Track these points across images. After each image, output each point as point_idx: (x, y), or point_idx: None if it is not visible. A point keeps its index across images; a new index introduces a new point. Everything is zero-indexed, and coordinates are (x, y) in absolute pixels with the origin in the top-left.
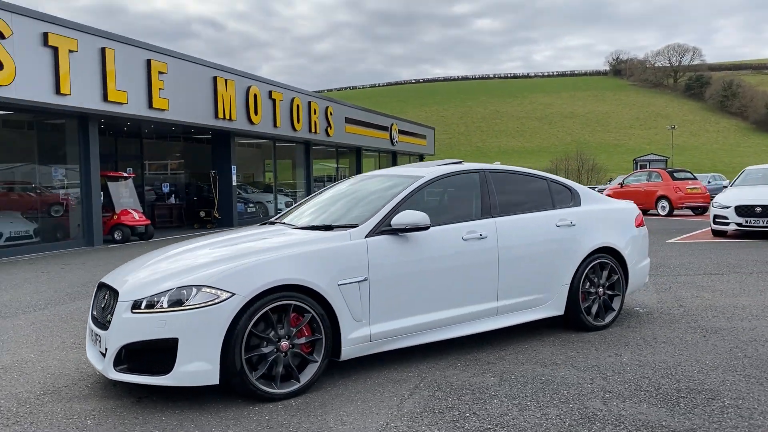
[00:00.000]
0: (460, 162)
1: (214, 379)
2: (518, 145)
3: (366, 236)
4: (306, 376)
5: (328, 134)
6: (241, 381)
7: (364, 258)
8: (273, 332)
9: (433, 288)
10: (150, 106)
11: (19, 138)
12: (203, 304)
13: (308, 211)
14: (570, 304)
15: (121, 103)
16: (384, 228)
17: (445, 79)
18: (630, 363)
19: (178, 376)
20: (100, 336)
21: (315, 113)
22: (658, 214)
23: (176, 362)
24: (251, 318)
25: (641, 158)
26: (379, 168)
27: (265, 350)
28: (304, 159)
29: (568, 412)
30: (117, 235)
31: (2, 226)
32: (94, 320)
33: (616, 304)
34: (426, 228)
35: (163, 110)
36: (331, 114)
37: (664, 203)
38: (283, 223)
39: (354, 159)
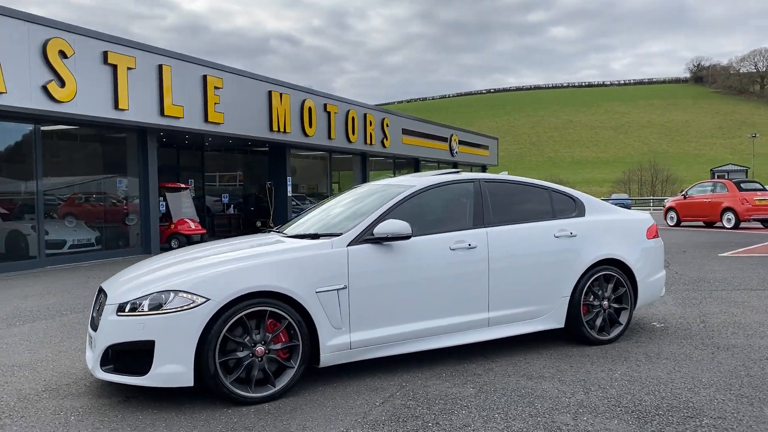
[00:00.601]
0: (458, 172)
1: (188, 381)
2: (592, 155)
3: (348, 245)
4: (282, 381)
5: (384, 145)
6: (216, 384)
7: (344, 266)
8: (248, 337)
9: (418, 297)
10: (205, 119)
11: (86, 151)
12: (179, 309)
13: (307, 220)
14: (570, 316)
15: (178, 117)
16: (367, 237)
17: (517, 89)
18: (620, 378)
19: (154, 378)
20: (92, 337)
21: (371, 125)
22: (724, 227)
23: (153, 364)
24: (226, 323)
25: (719, 168)
26: None
27: (241, 355)
28: (360, 170)
29: (533, 426)
30: (174, 244)
31: (67, 234)
32: (91, 322)
33: (623, 318)
34: (407, 237)
35: (218, 124)
36: (387, 126)
37: (730, 215)
38: (279, 232)
39: (413, 170)
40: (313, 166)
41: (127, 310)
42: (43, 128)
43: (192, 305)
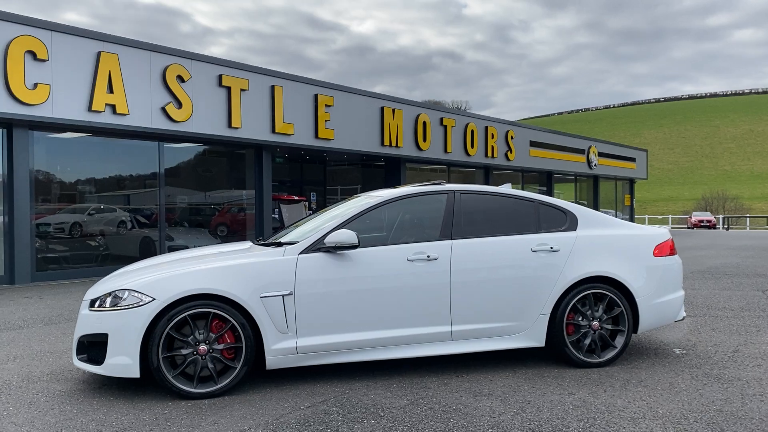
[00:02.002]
0: (440, 183)
1: (135, 372)
2: None
3: (300, 253)
4: (224, 380)
5: (508, 158)
6: (160, 377)
7: (291, 273)
8: (192, 336)
9: (371, 307)
10: (316, 136)
11: (210, 165)
12: (129, 306)
13: (294, 230)
14: (552, 336)
15: (288, 134)
16: (320, 246)
17: (690, 97)
18: (569, 403)
19: (107, 367)
20: None
21: (492, 138)
22: None
23: (107, 355)
24: (170, 321)
25: None
26: (577, 193)
27: (184, 352)
28: (483, 183)
29: None
30: None
31: (191, 240)
32: None
33: (619, 342)
34: (354, 246)
35: (328, 140)
36: (512, 138)
37: None
38: (256, 241)
39: (545, 183)
40: (431, 179)
41: (96, 305)
42: (167, 145)
43: (140, 303)
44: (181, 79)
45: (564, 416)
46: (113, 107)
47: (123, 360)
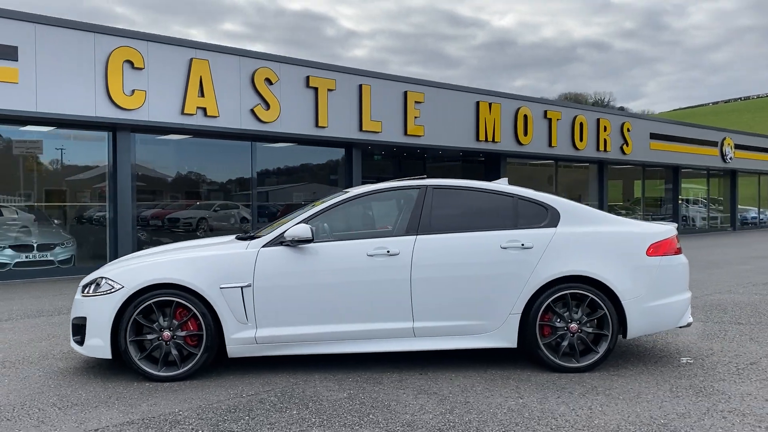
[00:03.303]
0: (422, 178)
1: (107, 354)
2: None
3: (263, 246)
4: (187, 365)
5: (623, 152)
6: (127, 359)
7: (251, 266)
8: (157, 323)
9: (329, 300)
10: (405, 133)
11: (304, 164)
12: (103, 293)
13: (281, 223)
14: (524, 337)
15: (376, 132)
16: (282, 240)
17: None
18: (509, 407)
19: (86, 348)
20: None
21: (605, 130)
22: None
23: (86, 337)
24: (136, 308)
25: None
26: (710, 189)
27: (150, 337)
28: (597, 178)
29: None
30: None
31: None
32: None
33: (602, 347)
34: (308, 241)
35: (418, 136)
36: (628, 130)
37: None
38: (238, 233)
39: (671, 178)
40: (533, 174)
41: (84, 291)
42: (260, 144)
43: (111, 290)
44: (269, 81)
45: (487, 419)
46: (204, 110)
47: (97, 342)
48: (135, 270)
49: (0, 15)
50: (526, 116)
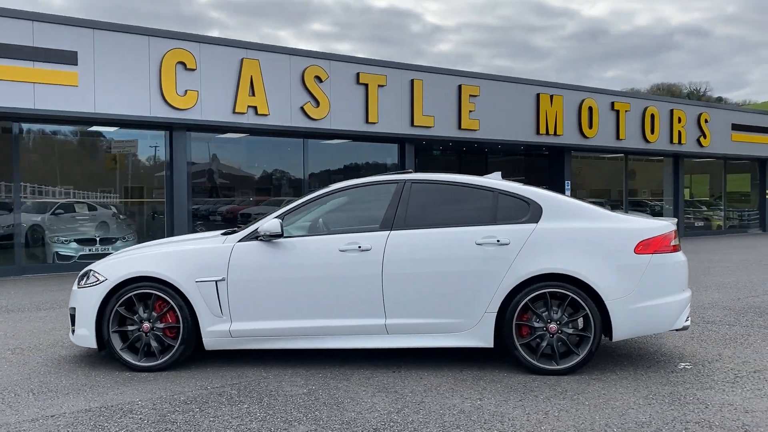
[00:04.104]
0: (409, 172)
1: (92, 343)
2: None
3: (239, 241)
4: (165, 356)
5: (700, 144)
6: (110, 349)
7: (225, 260)
8: (137, 315)
9: (302, 295)
10: (459, 127)
11: (356, 159)
12: (89, 285)
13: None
14: (501, 336)
15: (428, 127)
16: (257, 235)
17: None
18: (463, 409)
19: (76, 338)
20: None
21: (679, 122)
22: None
23: (75, 326)
24: (117, 300)
25: None
26: None
27: (131, 328)
28: (672, 172)
29: (272, 427)
30: None
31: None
32: None
33: (583, 349)
34: (278, 235)
35: (473, 130)
36: (706, 121)
37: None
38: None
39: (756, 172)
40: (602, 168)
41: (79, 283)
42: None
43: (96, 283)
44: (318, 79)
45: (430, 421)
46: (255, 108)
47: (84, 332)
48: (118, 263)
49: (61, 22)
50: (591, 108)
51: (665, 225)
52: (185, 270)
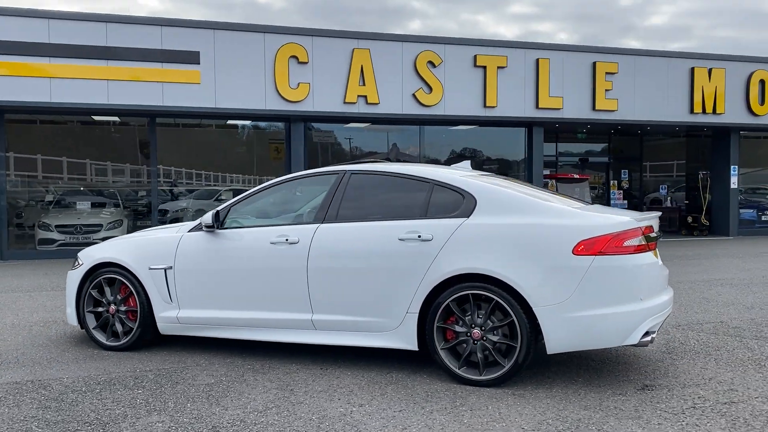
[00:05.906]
0: (372, 162)
1: (75, 321)
2: None
3: (188, 231)
4: (126, 337)
5: None
6: (84, 328)
7: (173, 249)
8: (106, 298)
9: (236, 286)
10: (593, 108)
11: (478, 145)
12: (74, 268)
13: None
14: (424, 340)
15: (556, 109)
16: (201, 226)
17: None
18: (324, 413)
19: (66, 315)
20: None
21: None
22: None
23: (66, 305)
24: (90, 283)
25: None
26: None
27: (100, 310)
28: None
29: (124, 419)
30: None
31: None
32: None
33: (509, 360)
34: (210, 227)
35: (610, 111)
36: None
37: None
38: None
39: None
40: None
41: (72, 266)
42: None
43: (76, 266)
44: (432, 64)
45: (285, 424)
46: (365, 98)
47: (70, 311)
48: (94, 249)
49: (185, 25)
50: (762, 81)
51: (619, 222)
52: (142, 257)
